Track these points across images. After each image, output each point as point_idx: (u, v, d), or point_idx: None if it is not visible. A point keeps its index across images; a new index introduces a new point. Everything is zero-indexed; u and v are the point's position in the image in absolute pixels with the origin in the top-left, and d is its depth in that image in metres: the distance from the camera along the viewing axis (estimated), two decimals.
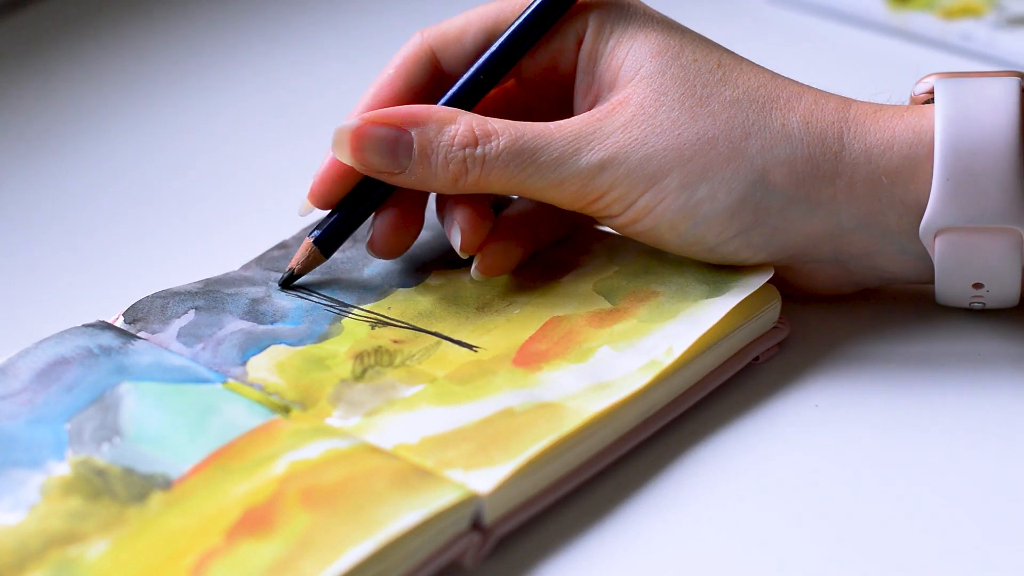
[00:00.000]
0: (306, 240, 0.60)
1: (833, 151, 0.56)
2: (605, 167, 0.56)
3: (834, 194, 0.56)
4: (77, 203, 0.72)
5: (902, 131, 0.55)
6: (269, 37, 0.87)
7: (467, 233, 0.58)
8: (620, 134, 0.56)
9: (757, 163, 0.56)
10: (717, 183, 0.55)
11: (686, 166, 0.55)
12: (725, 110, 0.56)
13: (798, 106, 0.56)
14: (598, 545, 0.51)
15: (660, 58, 0.57)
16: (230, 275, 0.60)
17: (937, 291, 0.57)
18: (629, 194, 0.56)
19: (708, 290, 0.57)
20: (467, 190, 0.57)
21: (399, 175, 0.57)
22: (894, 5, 0.84)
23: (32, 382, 0.54)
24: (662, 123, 0.56)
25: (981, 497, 0.52)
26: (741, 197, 0.56)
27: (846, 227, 0.56)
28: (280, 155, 0.75)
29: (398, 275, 0.61)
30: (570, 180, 0.56)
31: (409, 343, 0.57)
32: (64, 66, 0.83)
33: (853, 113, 0.56)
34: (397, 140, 0.57)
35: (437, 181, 0.57)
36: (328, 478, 0.50)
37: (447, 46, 0.60)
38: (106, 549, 0.48)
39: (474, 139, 0.56)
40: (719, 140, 0.56)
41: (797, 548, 0.51)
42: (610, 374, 0.54)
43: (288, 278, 0.60)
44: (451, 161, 0.56)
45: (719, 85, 0.56)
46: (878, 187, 0.55)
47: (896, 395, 0.57)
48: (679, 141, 0.56)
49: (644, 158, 0.56)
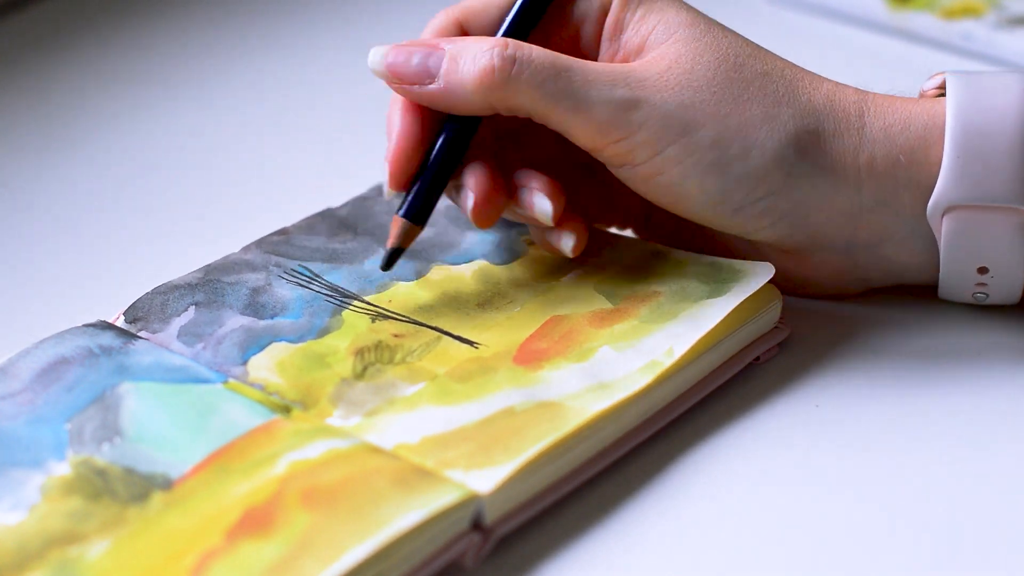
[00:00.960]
0: (395, 217, 0.58)
1: (856, 127, 0.56)
2: (638, 105, 0.56)
3: (857, 169, 0.56)
4: (77, 203, 0.72)
5: (918, 113, 0.56)
6: (269, 36, 0.87)
7: (555, 201, 0.57)
8: (657, 79, 0.56)
9: (790, 128, 0.56)
10: (751, 143, 0.56)
11: (722, 121, 0.56)
12: (757, 79, 0.57)
13: (821, 87, 0.57)
14: (598, 545, 0.51)
15: (693, 28, 0.57)
16: (230, 258, 0.60)
17: (941, 277, 0.57)
18: (659, 140, 0.56)
19: (709, 291, 0.57)
20: (494, 101, 0.56)
21: (430, 85, 0.57)
22: (894, 5, 0.84)
23: (32, 382, 0.54)
24: (699, 79, 0.56)
25: (981, 497, 0.52)
26: (775, 159, 0.56)
27: (865, 206, 0.57)
28: (280, 155, 0.75)
29: (399, 268, 0.60)
30: (600, 107, 0.56)
31: (409, 338, 0.57)
32: (64, 66, 0.83)
33: (871, 98, 0.57)
34: (431, 51, 0.57)
35: (464, 85, 0.56)
36: (328, 478, 0.50)
37: (473, 17, 0.60)
38: (106, 549, 0.48)
39: (505, 43, 0.56)
40: (753, 103, 0.56)
41: (797, 548, 0.51)
42: (611, 374, 0.54)
43: (390, 257, 0.58)
44: (480, 59, 0.56)
45: (750, 58, 0.57)
46: (896, 165, 0.56)
47: (896, 395, 0.57)
48: (715, 97, 0.56)
49: (679, 106, 0.56)
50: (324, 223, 0.63)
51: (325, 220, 0.63)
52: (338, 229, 0.63)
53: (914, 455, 0.54)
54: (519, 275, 0.60)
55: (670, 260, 0.59)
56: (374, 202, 0.64)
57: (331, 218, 0.63)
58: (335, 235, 0.62)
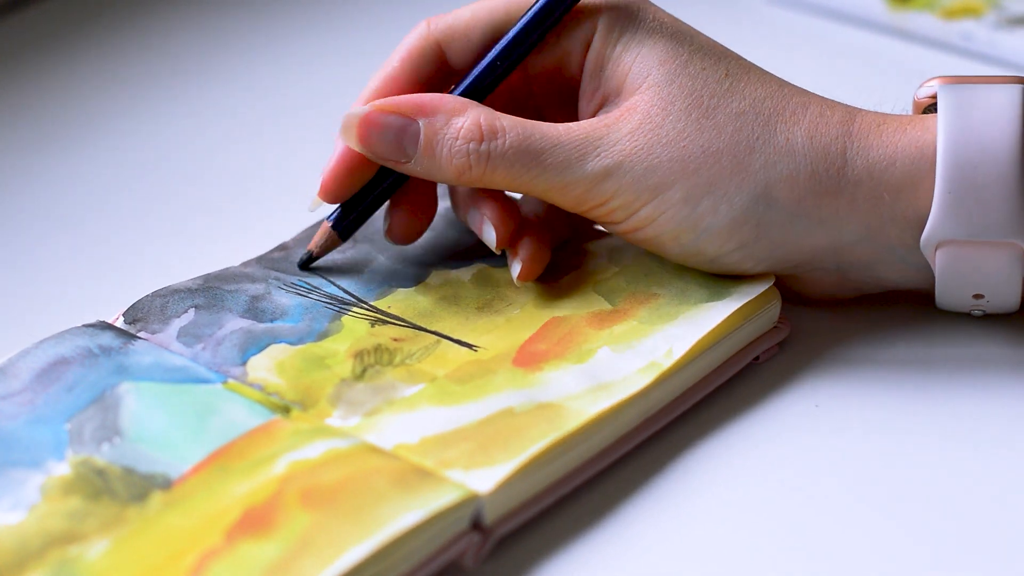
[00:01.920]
0: (324, 223, 0.60)
1: (836, 167, 0.56)
2: (610, 174, 0.56)
3: (836, 210, 0.56)
4: (77, 203, 0.72)
5: (905, 146, 0.55)
6: (269, 37, 0.87)
7: (500, 229, 0.59)
8: (626, 142, 0.56)
9: (760, 178, 0.56)
10: (720, 197, 0.55)
11: (690, 179, 0.55)
12: (731, 123, 0.56)
13: (803, 119, 0.56)
14: (598, 545, 0.51)
15: (667, 67, 0.57)
16: (230, 270, 0.60)
17: (938, 300, 0.57)
18: (632, 203, 0.56)
19: (708, 294, 0.57)
20: (472, 184, 0.57)
21: (405, 164, 0.57)
22: (894, 5, 0.84)
23: (32, 382, 0.54)
24: (668, 133, 0.56)
25: (981, 497, 0.52)
26: (743, 212, 0.56)
27: (847, 241, 0.56)
28: (280, 155, 0.75)
29: (398, 274, 0.61)
30: (574, 184, 0.56)
31: (409, 341, 0.57)
32: (64, 66, 0.83)
33: (857, 126, 0.56)
34: (404, 129, 0.57)
35: (442, 173, 0.57)
36: (328, 478, 0.50)
37: (453, 40, 0.60)
38: (106, 549, 0.48)
39: (480, 135, 0.56)
40: (723, 154, 0.56)
41: (797, 548, 0.51)
42: (610, 375, 0.54)
43: (307, 260, 0.61)
44: (455, 155, 0.56)
45: (726, 96, 0.56)
46: (880, 203, 0.55)
47: (896, 395, 0.57)
48: (684, 153, 0.56)
49: (649, 168, 0.56)
50: None
51: None
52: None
53: (914, 455, 0.54)
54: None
55: (670, 263, 0.59)
56: None
57: None
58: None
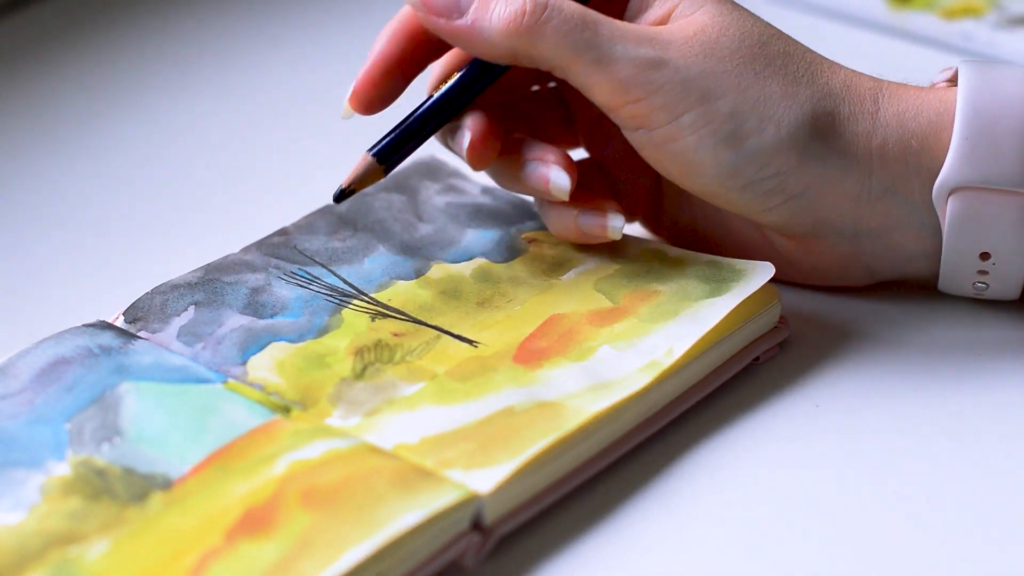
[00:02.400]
0: (364, 154, 0.58)
1: (870, 111, 0.57)
2: (662, 64, 0.56)
3: (869, 153, 0.56)
4: (77, 203, 0.72)
5: (930, 100, 0.57)
6: (268, 36, 0.87)
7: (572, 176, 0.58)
8: (682, 44, 0.56)
9: (807, 108, 0.56)
10: (767, 118, 0.56)
11: (742, 94, 0.56)
12: (779, 57, 0.57)
13: (839, 72, 0.58)
14: (598, 545, 0.51)
15: (720, 3, 0.57)
16: (230, 258, 0.60)
17: (943, 262, 0.58)
18: (677, 104, 0.56)
19: (709, 290, 0.57)
20: (518, 45, 0.56)
21: (458, 20, 0.57)
22: (894, 5, 0.84)
23: (32, 382, 0.54)
24: (722, 49, 0.56)
25: (982, 497, 0.52)
26: (790, 136, 0.56)
27: (874, 193, 0.57)
28: (280, 154, 0.75)
29: (399, 266, 0.60)
30: (623, 63, 0.56)
31: (409, 336, 0.57)
32: (64, 66, 0.83)
33: (886, 84, 0.58)
34: None
35: (491, 26, 0.56)
36: (328, 478, 0.50)
37: None
38: (106, 549, 0.48)
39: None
40: (773, 80, 0.56)
41: (797, 548, 0.51)
42: (610, 374, 0.54)
43: (342, 193, 0.58)
44: (512, 2, 0.56)
45: (773, 38, 0.57)
46: (907, 151, 0.56)
47: (896, 395, 0.57)
48: (737, 68, 0.56)
49: (701, 73, 0.56)
50: (324, 220, 0.63)
51: (324, 217, 0.63)
52: (338, 226, 0.63)
53: (914, 455, 0.54)
54: (519, 273, 0.60)
55: (670, 259, 0.59)
56: (374, 198, 0.64)
57: (330, 215, 0.63)
58: (335, 232, 0.62)
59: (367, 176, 0.58)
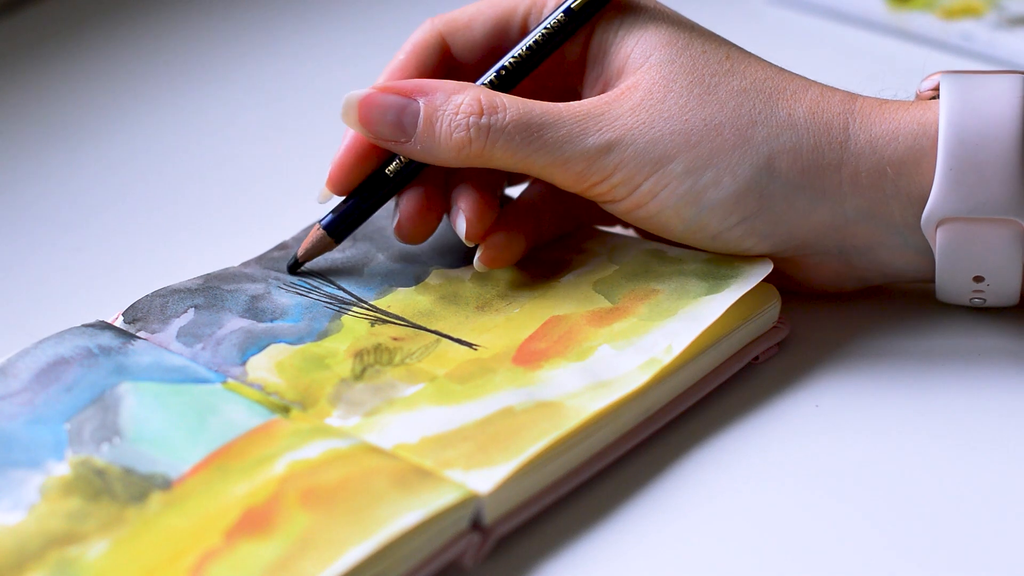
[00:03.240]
0: (315, 226, 0.60)
1: (838, 140, 0.56)
2: (611, 148, 0.56)
3: (839, 183, 0.56)
4: (77, 203, 0.72)
5: (907, 123, 0.56)
6: (270, 37, 0.87)
7: (472, 221, 0.58)
8: (628, 117, 0.56)
9: (763, 150, 0.56)
10: (722, 169, 0.56)
11: (692, 151, 0.56)
12: (732, 98, 0.56)
13: (804, 97, 0.57)
14: (598, 545, 0.51)
15: (670, 48, 0.57)
16: (230, 271, 0.60)
17: (938, 284, 0.57)
18: (634, 177, 0.56)
19: (707, 287, 0.57)
20: (471, 162, 0.57)
21: (405, 144, 0.57)
22: (894, 5, 0.84)
23: (32, 382, 0.54)
24: (670, 108, 0.56)
25: (982, 497, 0.52)
26: (746, 183, 0.56)
27: (850, 218, 0.56)
28: (280, 155, 0.75)
29: (398, 274, 0.61)
30: (575, 159, 0.56)
31: (408, 340, 0.57)
32: (64, 66, 0.84)
33: (859, 105, 0.57)
34: (404, 108, 0.57)
35: (441, 150, 0.57)
36: (328, 478, 0.50)
37: (456, 32, 0.60)
38: (106, 549, 0.48)
39: (480, 109, 0.57)
40: (725, 127, 0.56)
41: (797, 548, 0.51)
42: (610, 373, 0.54)
43: (294, 264, 0.60)
44: (455, 129, 0.57)
45: (727, 75, 0.57)
46: (882, 178, 0.56)
47: (897, 395, 0.57)
48: (686, 126, 0.56)
49: (650, 141, 0.56)
50: None
51: None
52: None
53: (914, 455, 0.54)
54: (518, 276, 0.60)
55: (668, 258, 0.59)
56: None
57: None
58: None
59: (320, 247, 0.60)
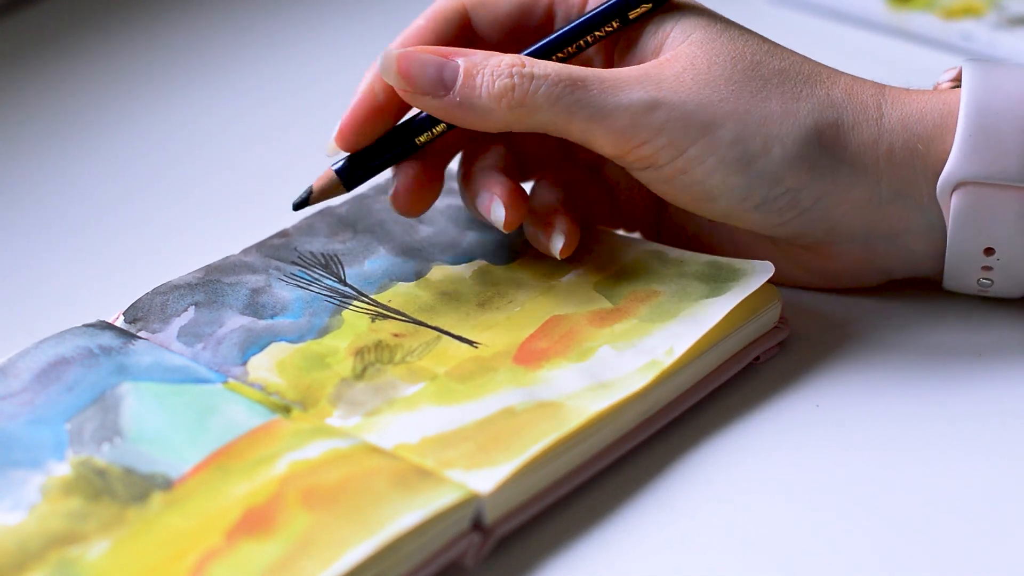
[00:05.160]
0: (329, 168, 0.59)
1: (874, 118, 0.57)
2: (658, 105, 0.55)
3: (876, 159, 0.56)
4: (77, 203, 0.72)
5: (934, 103, 0.57)
6: (268, 35, 0.87)
7: (510, 208, 0.58)
8: (673, 80, 0.56)
9: (810, 122, 0.56)
10: (772, 138, 0.56)
11: (741, 119, 0.56)
12: (775, 76, 0.57)
13: (839, 80, 0.58)
14: (598, 545, 0.51)
15: (710, 29, 0.57)
16: (230, 260, 0.60)
17: (948, 257, 0.58)
18: (680, 140, 0.56)
19: (708, 290, 0.57)
20: (511, 120, 0.56)
21: (444, 97, 0.56)
22: (894, 5, 0.84)
23: (32, 382, 0.54)
24: (715, 79, 0.56)
25: (984, 497, 0.52)
26: (797, 153, 0.56)
27: (885, 197, 0.57)
28: (280, 153, 0.75)
29: (399, 268, 0.60)
30: (619, 113, 0.55)
31: (409, 337, 0.57)
32: (64, 66, 0.84)
33: (888, 90, 0.58)
34: (444, 64, 0.57)
35: (482, 102, 0.56)
36: (328, 478, 0.50)
37: (480, 7, 0.60)
38: (106, 549, 0.48)
39: (522, 63, 0.56)
40: (772, 99, 0.56)
41: (797, 548, 0.51)
42: (610, 374, 0.54)
43: (303, 201, 0.59)
44: (498, 78, 0.56)
45: (767, 55, 0.57)
46: (914, 155, 0.56)
47: (897, 395, 0.57)
48: (734, 94, 0.56)
49: (698, 106, 0.56)
50: (324, 222, 0.63)
51: (324, 219, 0.63)
52: (338, 228, 0.63)
53: (915, 455, 0.54)
54: (519, 275, 0.60)
55: (670, 259, 0.59)
56: (374, 200, 0.64)
57: (330, 217, 0.63)
58: (335, 234, 0.62)
59: (329, 189, 0.59)
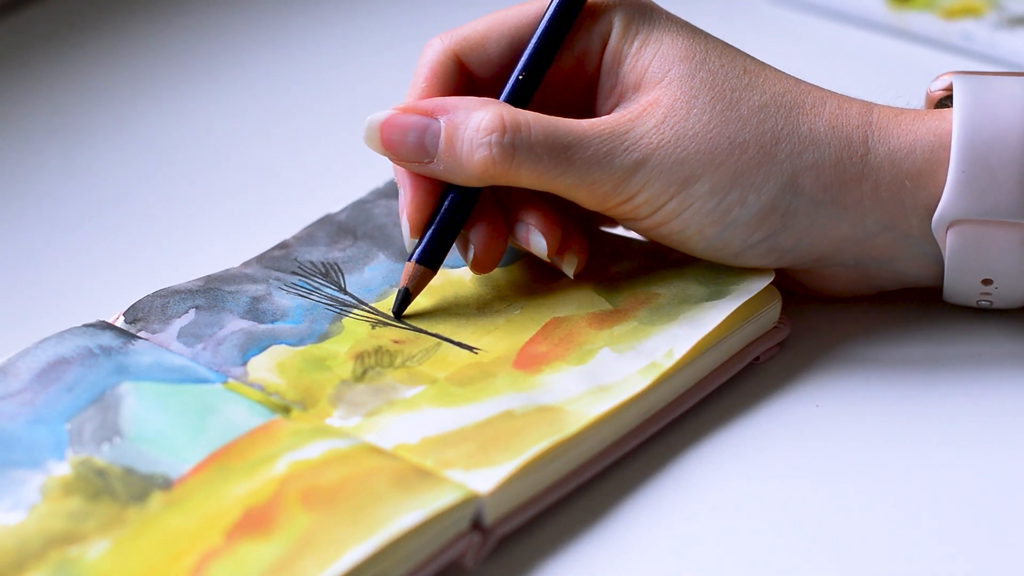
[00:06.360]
0: (408, 263, 0.58)
1: (859, 155, 0.56)
2: (639, 168, 0.56)
3: (860, 197, 0.56)
4: (77, 202, 0.72)
5: (923, 134, 0.56)
6: (270, 37, 0.87)
7: (549, 236, 0.57)
8: (653, 135, 0.56)
9: (786, 168, 0.56)
10: (747, 188, 0.56)
11: (718, 171, 0.55)
12: (755, 115, 0.56)
13: (823, 111, 0.57)
14: (598, 545, 0.51)
15: (688, 62, 0.57)
16: (231, 272, 0.60)
17: (946, 287, 0.57)
18: (659, 197, 0.56)
19: (709, 293, 0.57)
20: (495, 181, 0.56)
21: (429, 164, 0.57)
22: (894, 5, 0.84)
23: (32, 382, 0.54)
24: (694, 126, 0.56)
25: (982, 497, 0.52)
26: (771, 201, 0.56)
27: (870, 231, 0.56)
28: (281, 155, 0.75)
29: (398, 275, 0.60)
30: (602, 180, 0.56)
31: (409, 344, 0.57)
32: (64, 66, 0.83)
33: (876, 117, 0.57)
34: (426, 128, 0.56)
35: (465, 170, 0.56)
36: (328, 478, 0.50)
37: (471, 52, 0.59)
38: (106, 549, 0.48)
39: (502, 127, 0.56)
40: (750, 145, 0.56)
41: (797, 548, 0.51)
42: (610, 376, 0.54)
43: (403, 301, 0.58)
44: (477, 148, 0.56)
45: (747, 90, 0.56)
46: (902, 190, 0.56)
47: (897, 395, 0.57)
48: (711, 145, 0.56)
49: (677, 161, 0.55)
50: (323, 231, 0.63)
51: (324, 227, 0.63)
52: (338, 235, 0.63)
53: (914, 455, 0.54)
54: (518, 277, 0.60)
55: (670, 262, 0.59)
56: (373, 205, 0.64)
57: (330, 224, 0.63)
58: (335, 242, 0.62)
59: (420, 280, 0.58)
